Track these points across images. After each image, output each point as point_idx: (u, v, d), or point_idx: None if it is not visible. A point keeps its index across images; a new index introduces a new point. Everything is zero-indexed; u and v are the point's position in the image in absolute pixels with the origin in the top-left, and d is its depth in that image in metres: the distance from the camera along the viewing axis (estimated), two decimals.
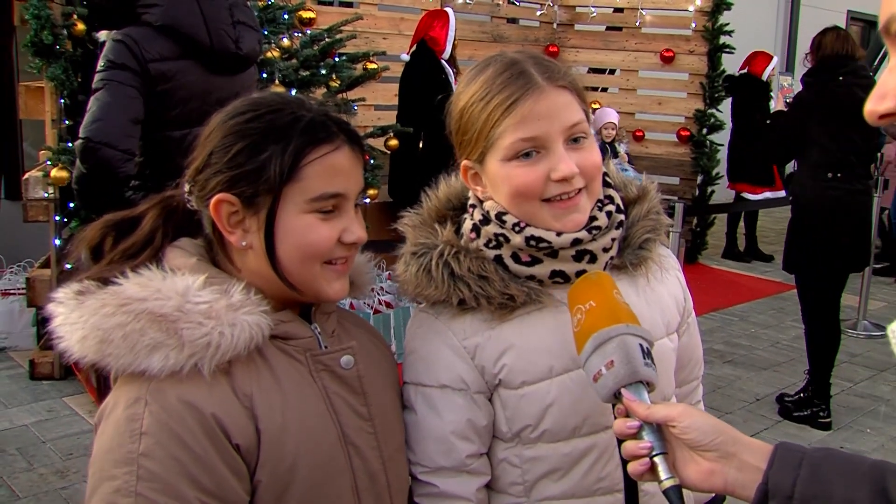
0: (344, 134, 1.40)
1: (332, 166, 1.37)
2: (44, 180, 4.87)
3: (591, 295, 1.35)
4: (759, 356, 6.54)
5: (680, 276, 1.71)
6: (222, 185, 1.34)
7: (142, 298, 1.26)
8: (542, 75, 1.46)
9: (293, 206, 1.35)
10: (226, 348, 1.27)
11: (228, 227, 1.36)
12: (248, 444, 1.28)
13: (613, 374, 1.28)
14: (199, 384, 1.26)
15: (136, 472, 1.20)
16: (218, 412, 1.25)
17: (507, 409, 1.54)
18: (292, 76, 5.55)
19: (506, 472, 1.58)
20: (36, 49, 4.63)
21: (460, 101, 1.54)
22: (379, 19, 8.02)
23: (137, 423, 1.23)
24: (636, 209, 1.61)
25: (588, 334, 1.31)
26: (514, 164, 1.46)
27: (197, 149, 1.40)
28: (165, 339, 1.24)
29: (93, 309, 1.26)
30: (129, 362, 1.24)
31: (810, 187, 5.08)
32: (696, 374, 1.80)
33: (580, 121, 1.48)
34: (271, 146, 1.34)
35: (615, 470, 1.54)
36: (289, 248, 1.36)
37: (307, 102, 1.43)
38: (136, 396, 1.25)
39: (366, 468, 1.43)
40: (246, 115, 1.37)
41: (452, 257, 1.52)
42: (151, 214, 1.43)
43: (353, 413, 1.43)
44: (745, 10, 10.61)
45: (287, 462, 1.32)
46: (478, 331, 1.54)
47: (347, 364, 1.44)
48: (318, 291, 1.41)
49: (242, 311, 1.30)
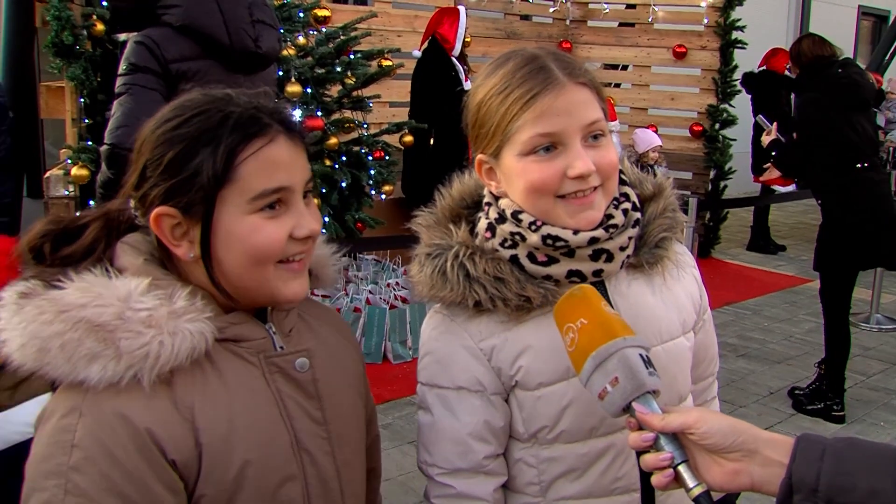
0: (279, 124, 1.33)
1: (269, 160, 1.30)
2: (64, 178, 4.91)
3: (581, 312, 1.32)
4: (772, 350, 6.56)
5: (696, 273, 1.70)
6: (160, 197, 1.28)
7: (81, 305, 1.20)
8: (562, 71, 1.45)
9: (234, 208, 1.28)
10: (166, 359, 1.22)
11: (173, 241, 1.30)
12: (186, 459, 1.23)
13: (620, 390, 1.26)
14: (138, 396, 1.21)
15: (64, 486, 1.16)
16: (153, 426, 1.21)
17: (523, 411, 1.53)
18: (308, 74, 5.58)
19: (522, 473, 1.57)
20: (56, 50, 4.68)
21: (478, 94, 1.52)
22: (393, 17, 8.06)
23: (70, 434, 1.18)
24: (652, 207, 1.60)
25: (586, 354, 1.28)
26: (531, 159, 1.45)
27: (132, 162, 1.34)
28: (103, 349, 1.19)
29: (32, 315, 1.21)
30: (67, 372, 1.19)
31: (842, 181, 5.05)
32: (712, 370, 1.78)
33: (598, 118, 1.46)
34: (202, 150, 1.27)
35: (632, 470, 1.54)
36: (236, 255, 1.30)
37: (235, 97, 1.34)
38: (72, 406, 1.20)
39: (318, 474, 1.39)
40: (173, 122, 1.31)
41: (468, 258, 1.51)
42: (95, 226, 1.36)
43: (307, 417, 1.39)
44: (757, 5, 10.62)
45: (233, 471, 1.27)
46: (494, 332, 1.52)
47: (302, 367, 1.39)
48: (274, 294, 1.34)
49: (185, 319, 1.25)
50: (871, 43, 16.70)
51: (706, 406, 1.79)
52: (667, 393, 1.54)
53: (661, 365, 1.52)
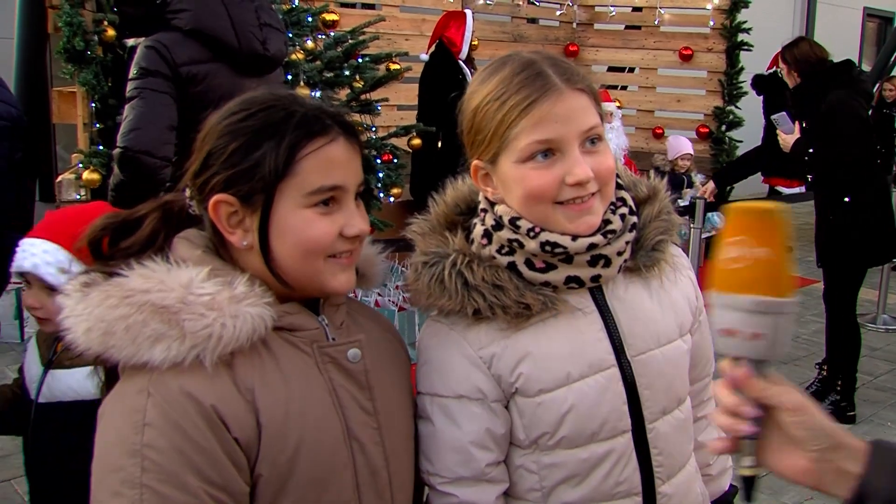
0: (339, 126, 1.38)
1: (328, 159, 1.35)
2: (76, 182, 4.95)
3: (769, 239, 1.12)
4: None
5: (692, 275, 1.69)
6: (220, 185, 1.34)
7: (145, 290, 1.25)
8: (560, 77, 1.44)
9: (291, 201, 1.33)
10: (227, 340, 1.26)
11: (228, 228, 1.35)
12: (248, 438, 1.27)
13: (753, 346, 1.12)
14: (201, 376, 1.25)
15: (140, 464, 1.20)
16: (218, 404, 1.25)
17: (524, 417, 1.53)
18: (316, 77, 5.61)
19: (523, 479, 1.57)
20: (68, 55, 4.73)
21: (474, 100, 1.51)
22: (401, 21, 8.10)
23: (141, 414, 1.22)
24: (647, 209, 1.60)
25: (749, 288, 1.11)
26: (529, 165, 1.45)
27: (194, 152, 1.39)
28: (167, 330, 1.24)
29: (97, 301, 1.26)
30: (131, 354, 1.24)
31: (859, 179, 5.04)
32: (708, 371, 1.78)
33: (596, 124, 1.46)
34: (266, 143, 1.32)
35: (633, 473, 1.54)
36: (289, 246, 1.34)
37: (300, 98, 1.41)
38: (140, 388, 1.25)
39: (368, 464, 1.41)
40: (239, 115, 1.36)
41: (466, 266, 1.50)
42: (152, 217, 1.42)
43: (358, 407, 1.41)
44: (763, 7, 10.63)
45: (287, 455, 1.30)
46: (493, 340, 1.52)
47: (354, 357, 1.42)
48: (323, 285, 1.39)
49: (245, 303, 1.29)
50: (876, 44, 16.64)
51: (702, 407, 1.79)
52: (665, 396, 1.58)
53: (659, 368, 1.56)
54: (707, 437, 1.78)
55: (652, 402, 1.55)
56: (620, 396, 1.52)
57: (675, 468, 1.60)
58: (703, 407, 1.79)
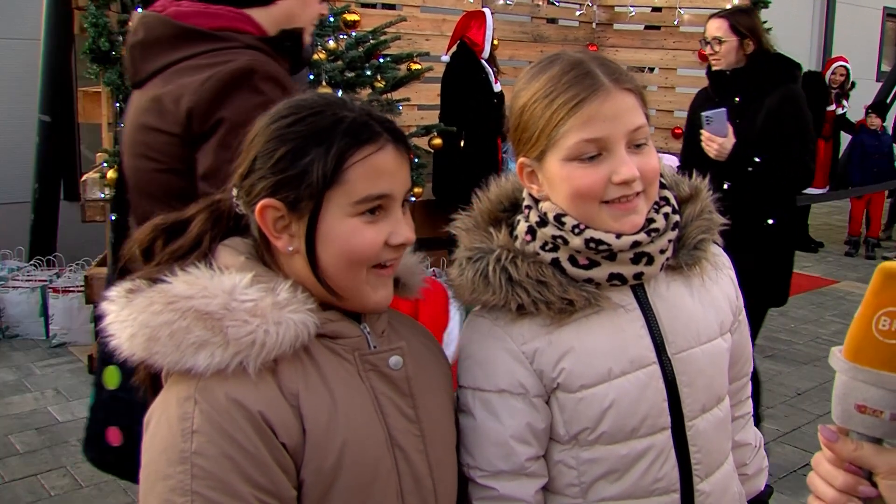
0: (388, 133, 1.37)
1: (376, 167, 1.34)
2: (100, 182, 5.01)
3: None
4: (799, 351, 6.55)
5: (732, 274, 1.70)
6: (267, 190, 1.33)
7: (188, 296, 1.25)
8: (608, 77, 1.45)
9: (338, 209, 1.32)
10: (271, 346, 1.26)
11: (274, 233, 1.35)
12: (294, 444, 1.27)
13: (894, 428, 1.01)
14: (246, 382, 1.25)
15: (190, 471, 1.20)
16: (265, 410, 1.25)
17: (564, 413, 1.54)
18: (338, 77, 5.63)
19: (562, 474, 1.57)
20: (94, 55, 4.78)
21: (521, 98, 1.52)
22: (422, 21, 8.11)
23: (189, 421, 1.22)
24: (689, 209, 1.61)
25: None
26: (576, 164, 1.46)
27: (241, 153, 1.39)
28: (210, 336, 1.23)
29: (141, 307, 1.26)
30: (175, 360, 1.24)
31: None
32: (747, 370, 1.78)
33: (643, 125, 1.47)
34: (314, 150, 1.31)
35: (672, 470, 1.55)
36: (334, 254, 1.34)
37: (350, 103, 1.39)
38: (186, 395, 1.25)
39: (411, 471, 1.41)
40: (288, 119, 1.35)
41: (510, 262, 1.51)
42: (200, 218, 1.42)
43: (400, 415, 1.41)
44: (782, 7, 10.59)
45: (331, 461, 1.30)
46: (536, 335, 1.53)
47: (396, 365, 1.41)
48: (363, 299, 1.39)
49: (288, 310, 1.29)
50: (895, 44, 16.61)
51: (740, 407, 1.79)
52: (705, 394, 1.58)
53: (699, 366, 1.56)
54: (745, 436, 1.79)
55: (692, 399, 1.56)
56: (661, 393, 1.53)
57: (713, 466, 1.61)
58: (741, 406, 1.80)
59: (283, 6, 2.03)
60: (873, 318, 0.99)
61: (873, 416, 1.00)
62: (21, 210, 7.00)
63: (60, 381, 5.43)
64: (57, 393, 5.25)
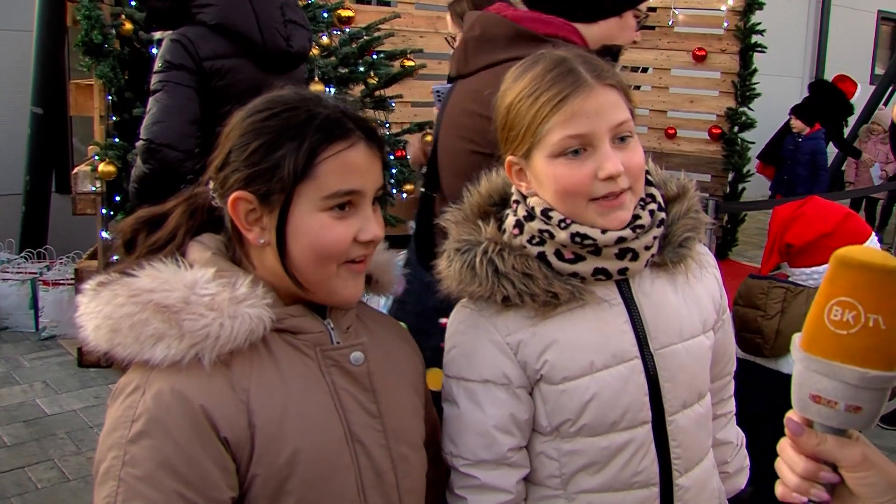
0: (361, 131, 1.39)
1: (348, 163, 1.36)
2: (92, 174, 4.99)
3: (886, 305, 0.95)
4: None
5: (717, 273, 1.72)
6: (239, 182, 1.35)
7: (150, 290, 1.28)
8: (590, 73, 1.48)
9: (308, 203, 1.34)
10: (225, 340, 1.28)
11: (246, 225, 1.37)
12: (239, 438, 1.29)
13: (849, 418, 0.99)
14: (196, 375, 1.27)
15: (122, 458, 1.23)
16: (208, 404, 1.27)
17: (547, 404, 1.56)
18: (331, 73, 5.63)
19: (543, 465, 1.59)
20: (86, 48, 4.76)
21: (507, 97, 1.54)
22: (416, 18, 8.09)
23: (132, 410, 1.26)
24: (676, 207, 1.62)
25: (861, 362, 0.96)
26: (561, 161, 1.48)
27: (218, 146, 1.41)
28: (167, 329, 1.26)
29: (106, 299, 1.29)
30: (135, 352, 1.27)
31: None
32: (729, 369, 1.81)
33: (626, 119, 1.49)
34: (287, 144, 1.33)
35: (651, 464, 1.56)
36: (303, 248, 1.35)
37: (325, 99, 1.41)
38: (136, 385, 1.28)
39: (372, 466, 1.42)
40: (263, 113, 1.37)
41: (497, 254, 1.53)
42: (177, 212, 1.44)
43: (361, 410, 1.43)
44: (777, 9, 10.63)
45: (285, 455, 1.32)
46: (521, 327, 1.55)
47: (357, 360, 1.43)
48: (331, 293, 1.41)
49: (245, 304, 1.31)
50: (889, 48, 16.63)
51: (722, 405, 1.81)
52: (686, 390, 1.60)
53: (681, 362, 1.58)
54: (726, 435, 1.81)
55: (673, 395, 1.57)
56: (642, 388, 1.55)
57: (692, 462, 1.62)
58: (723, 405, 1.81)
59: (604, 26, 2.20)
60: (825, 307, 0.98)
61: (828, 406, 0.99)
62: (12, 202, 6.97)
63: (49, 374, 5.42)
64: (45, 386, 5.24)
